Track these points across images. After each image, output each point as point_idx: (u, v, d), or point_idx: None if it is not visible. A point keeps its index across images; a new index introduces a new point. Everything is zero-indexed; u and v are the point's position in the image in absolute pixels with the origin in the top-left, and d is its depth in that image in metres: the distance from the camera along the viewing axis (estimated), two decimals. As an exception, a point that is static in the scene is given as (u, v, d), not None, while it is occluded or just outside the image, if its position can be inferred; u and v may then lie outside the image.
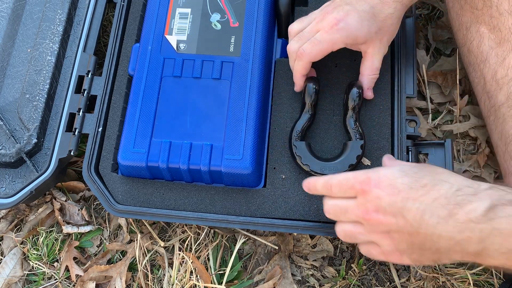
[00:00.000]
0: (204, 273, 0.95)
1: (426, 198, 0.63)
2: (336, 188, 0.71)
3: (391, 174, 0.66)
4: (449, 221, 0.61)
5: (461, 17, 0.94)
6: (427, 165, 0.69)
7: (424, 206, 0.63)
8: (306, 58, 0.84)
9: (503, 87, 0.87)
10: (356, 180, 0.68)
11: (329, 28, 0.81)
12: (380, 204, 0.66)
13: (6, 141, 0.94)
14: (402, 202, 0.64)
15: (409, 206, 0.64)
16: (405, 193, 0.64)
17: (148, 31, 0.97)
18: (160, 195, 0.90)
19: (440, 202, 0.62)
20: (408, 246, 0.66)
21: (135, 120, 0.90)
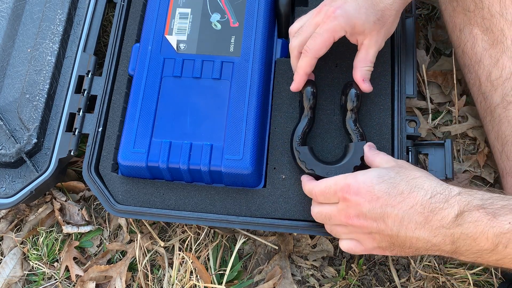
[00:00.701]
0: (204, 273, 0.95)
1: (404, 205, 0.68)
2: (320, 196, 0.77)
3: (370, 180, 0.71)
4: (425, 227, 0.67)
5: (454, 19, 0.94)
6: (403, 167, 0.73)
7: (402, 213, 0.68)
8: (310, 53, 0.83)
9: (497, 88, 0.88)
10: (336, 187, 0.74)
11: (327, 18, 0.80)
12: (361, 210, 0.71)
13: (6, 141, 0.94)
14: (381, 208, 0.69)
15: (389, 212, 0.69)
16: (384, 199, 0.69)
17: (148, 31, 0.97)
18: (160, 195, 0.90)
19: (417, 209, 0.67)
20: (389, 244, 0.72)
21: (135, 120, 0.90)
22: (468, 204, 0.66)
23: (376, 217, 0.70)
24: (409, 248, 0.71)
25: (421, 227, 0.67)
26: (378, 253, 0.76)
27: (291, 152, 0.89)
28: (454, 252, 0.68)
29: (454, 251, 0.68)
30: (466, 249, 0.66)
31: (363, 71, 0.86)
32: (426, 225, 0.67)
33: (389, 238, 0.71)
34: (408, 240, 0.69)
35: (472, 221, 0.65)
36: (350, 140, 0.88)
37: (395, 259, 0.98)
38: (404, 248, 0.71)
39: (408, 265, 0.98)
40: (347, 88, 0.89)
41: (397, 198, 0.68)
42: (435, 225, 0.66)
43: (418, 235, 0.68)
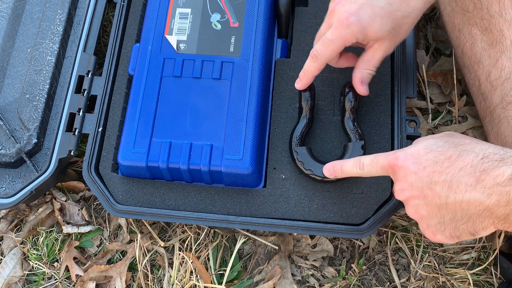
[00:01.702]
0: (204, 273, 0.95)
1: (452, 169, 0.64)
2: (368, 166, 0.75)
3: (417, 151, 0.68)
4: (477, 187, 0.63)
5: (453, 19, 0.94)
6: (453, 136, 0.69)
7: (451, 177, 0.64)
8: (320, 60, 0.82)
9: (497, 89, 0.87)
10: (385, 159, 0.71)
11: (340, 24, 0.78)
12: (407, 180, 0.68)
13: (6, 141, 0.94)
14: (428, 177, 0.66)
15: (436, 179, 0.65)
16: (431, 167, 0.66)
17: (148, 31, 0.97)
18: (160, 195, 0.90)
19: (467, 171, 0.63)
20: (438, 221, 0.68)
21: (135, 120, 0.90)
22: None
23: (423, 187, 0.67)
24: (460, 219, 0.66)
25: (472, 188, 0.63)
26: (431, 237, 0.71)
27: (290, 152, 0.89)
28: (507, 216, 0.62)
29: (508, 215, 0.62)
30: None
31: (364, 73, 0.84)
32: (478, 185, 0.62)
33: (437, 210, 0.67)
34: (458, 206, 0.64)
35: None
36: (348, 140, 0.89)
37: (395, 259, 0.98)
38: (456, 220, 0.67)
39: (408, 265, 0.98)
40: (346, 88, 0.89)
41: (445, 163, 0.65)
42: (488, 183, 0.62)
43: (469, 198, 0.63)
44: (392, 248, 0.99)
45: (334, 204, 0.88)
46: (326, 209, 0.88)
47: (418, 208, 0.69)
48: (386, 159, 0.71)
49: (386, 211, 0.86)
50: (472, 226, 0.66)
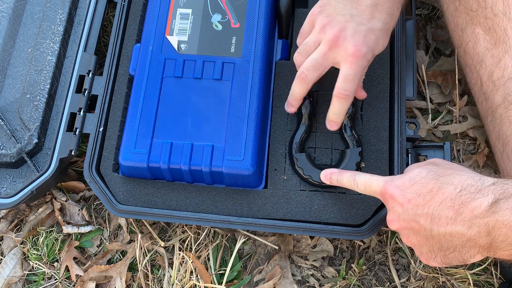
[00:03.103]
0: (204, 273, 0.95)
1: (433, 203, 0.66)
2: (361, 186, 0.77)
3: (403, 183, 0.69)
4: (457, 220, 0.64)
5: (456, 18, 0.94)
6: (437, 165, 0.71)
7: (432, 210, 0.66)
8: (309, 82, 0.84)
9: (499, 88, 0.87)
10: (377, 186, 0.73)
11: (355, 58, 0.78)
12: (396, 212, 0.70)
13: (7, 141, 0.94)
14: (412, 210, 0.67)
15: (419, 212, 0.67)
16: (415, 200, 0.67)
17: (149, 31, 0.97)
18: (161, 196, 0.90)
19: (446, 204, 0.65)
20: (429, 249, 0.70)
21: (136, 120, 0.90)
22: (504, 192, 0.63)
23: (410, 219, 0.68)
24: (447, 249, 0.68)
25: (453, 221, 0.64)
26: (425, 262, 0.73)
27: (290, 158, 0.90)
28: (490, 245, 0.64)
29: (490, 245, 0.64)
30: (502, 240, 0.62)
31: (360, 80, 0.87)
32: (457, 218, 0.64)
33: (425, 240, 0.69)
34: (443, 237, 0.66)
35: (509, 207, 0.61)
36: (346, 146, 0.90)
37: (395, 259, 0.98)
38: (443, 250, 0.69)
39: (408, 265, 0.98)
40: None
41: (427, 196, 0.66)
42: (467, 216, 0.63)
43: (451, 230, 0.65)
44: (392, 248, 0.99)
45: (334, 205, 0.89)
46: (326, 210, 0.88)
47: (409, 237, 0.72)
48: (378, 186, 0.73)
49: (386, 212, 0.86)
50: (460, 255, 0.68)
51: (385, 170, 0.90)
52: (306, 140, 0.92)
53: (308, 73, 0.82)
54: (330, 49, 0.80)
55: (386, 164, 0.91)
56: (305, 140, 0.91)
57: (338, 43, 0.78)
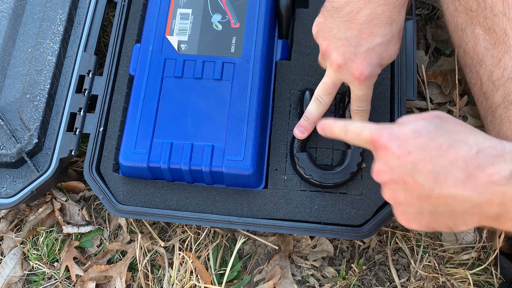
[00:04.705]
0: (204, 273, 0.95)
1: (441, 160, 0.58)
2: (351, 134, 0.69)
3: (404, 134, 0.62)
4: (467, 184, 0.57)
5: (456, 18, 0.94)
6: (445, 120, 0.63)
7: (439, 169, 0.58)
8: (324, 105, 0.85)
9: (499, 88, 0.87)
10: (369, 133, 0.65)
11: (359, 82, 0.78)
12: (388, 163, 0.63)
13: (7, 141, 0.94)
14: (412, 164, 0.60)
15: (420, 168, 0.59)
16: (417, 154, 0.60)
17: (149, 31, 0.97)
18: (161, 196, 0.90)
19: (458, 165, 0.58)
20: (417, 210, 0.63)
21: (136, 120, 0.90)
22: None
23: (404, 173, 0.60)
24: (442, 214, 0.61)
25: (462, 184, 0.57)
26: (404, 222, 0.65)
27: (291, 158, 0.90)
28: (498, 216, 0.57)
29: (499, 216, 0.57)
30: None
31: None
32: (469, 181, 0.56)
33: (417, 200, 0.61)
34: (443, 201, 0.59)
35: None
36: (347, 146, 0.90)
37: (395, 259, 0.98)
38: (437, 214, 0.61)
39: (408, 265, 0.98)
40: (346, 97, 0.90)
41: (433, 152, 0.59)
42: (482, 181, 0.56)
43: (456, 193, 0.57)
44: (392, 248, 0.99)
45: (334, 205, 0.89)
46: (326, 210, 0.88)
47: (395, 193, 0.64)
48: (369, 134, 0.65)
49: (387, 213, 0.86)
50: (453, 221, 0.61)
51: (385, 170, 0.90)
52: (307, 140, 0.92)
53: (322, 97, 0.84)
54: (335, 73, 0.80)
55: (386, 164, 0.91)
56: (306, 140, 0.91)
57: (341, 68, 0.78)
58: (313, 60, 0.97)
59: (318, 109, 0.86)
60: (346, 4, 0.74)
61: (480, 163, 0.56)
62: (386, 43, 0.76)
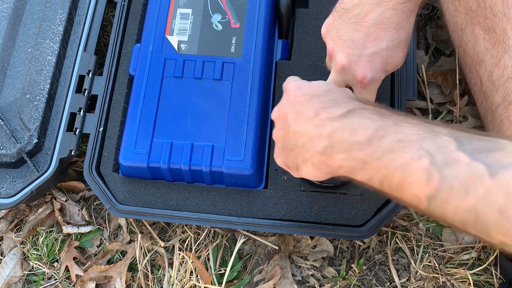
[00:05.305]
0: (204, 273, 0.95)
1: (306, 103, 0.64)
2: None
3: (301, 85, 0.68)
4: (312, 120, 0.62)
5: (455, 18, 0.94)
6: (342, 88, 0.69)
7: (301, 108, 0.64)
8: None
9: (499, 88, 0.87)
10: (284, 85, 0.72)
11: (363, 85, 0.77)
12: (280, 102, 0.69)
13: (7, 141, 0.94)
14: (291, 105, 0.66)
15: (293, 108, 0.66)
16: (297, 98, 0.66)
17: (149, 31, 0.97)
18: (161, 196, 0.90)
19: (313, 106, 0.63)
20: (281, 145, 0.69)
21: (136, 120, 0.90)
22: (362, 106, 0.62)
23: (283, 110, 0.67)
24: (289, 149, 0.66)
25: (308, 120, 0.62)
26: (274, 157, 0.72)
27: None
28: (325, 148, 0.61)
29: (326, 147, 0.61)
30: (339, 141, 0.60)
31: None
32: (313, 118, 0.62)
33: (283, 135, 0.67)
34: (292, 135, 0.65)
35: (359, 115, 0.60)
36: None
37: (395, 259, 0.98)
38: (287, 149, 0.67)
39: (408, 265, 0.98)
40: None
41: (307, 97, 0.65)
42: (321, 118, 0.61)
43: (302, 129, 0.63)
44: (392, 248, 0.99)
45: (335, 205, 0.89)
46: (326, 211, 0.88)
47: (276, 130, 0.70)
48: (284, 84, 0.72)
49: (386, 212, 0.86)
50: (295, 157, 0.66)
51: (385, 170, 0.90)
52: None
53: None
54: (339, 74, 0.79)
55: (387, 164, 0.90)
56: None
57: (345, 69, 0.77)
58: (314, 60, 0.97)
59: None
60: (355, 6, 0.74)
61: (328, 105, 0.62)
62: (392, 48, 0.75)
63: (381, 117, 0.59)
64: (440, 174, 0.52)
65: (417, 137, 0.55)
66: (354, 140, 0.58)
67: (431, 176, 0.52)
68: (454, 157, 0.52)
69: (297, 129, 0.64)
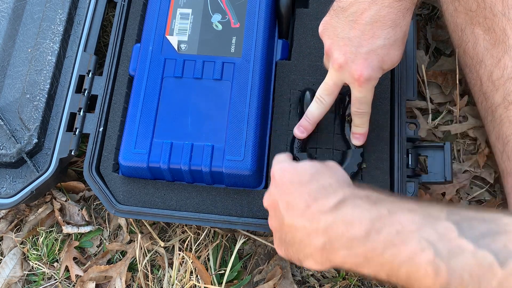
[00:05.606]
0: (204, 273, 0.95)
1: (295, 192, 0.64)
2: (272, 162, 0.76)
3: (287, 168, 0.68)
4: (304, 213, 0.62)
5: (455, 18, 0.94)
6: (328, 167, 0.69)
7: (291, 199, 0.64)
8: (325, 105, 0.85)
9: (499, 88, 0.87)
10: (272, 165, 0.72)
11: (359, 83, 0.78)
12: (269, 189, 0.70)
13: (6, 141, 0.94)
14: (279, 193, 0.66)
15: (283, 198, 0.65)
16: (285, 186, 0.66)
17: (149, 31, 0.97)
18: (161, 196, 0.90)
19: (303, 197, 0.63)
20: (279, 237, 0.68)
21: (136, 120, 0.90)
22: (353, 194, 0.61)
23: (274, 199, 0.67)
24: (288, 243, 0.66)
25: (301, 214, 0.62)
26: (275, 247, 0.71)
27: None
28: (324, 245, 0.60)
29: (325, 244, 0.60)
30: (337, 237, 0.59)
31: None
32: (306, 212, 0.61)
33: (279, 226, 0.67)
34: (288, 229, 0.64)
35: (351, 206, 0.59)
36: (348, 146, 0.90)
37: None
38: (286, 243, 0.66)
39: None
40: (346, 97, 0.90)
41: (294, 186, 0.65)
42: (313, 211, 0.61)
43: (296, 223, 0.63)
44: (392, 249, 0.99)
45: (335, 205, 0.89)
46: (327, 210, 0.88)
47: (271, 220, 0.70)
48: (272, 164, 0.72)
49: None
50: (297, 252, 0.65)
51: (385, 171, 0.90)
52: (307, 140, 0.92)
53: (324, 97, 0.84)
54: (336, 73, 0.79)
55: (387, 165, 0.91)
56: (306, 140, 0.91)
57: (342, 68, 0.77)
58: (313, 60, 0.97)
59: (319, 109, 0.86)
60: (351, 4, 0.74)
61: (317, 196, 0.62)
62: (388, 46, 0.75)
63: (374, 205, 0.59)
64: (447, 266, 0.51)
65: (415, 226, 0.54)
66: (352, 235, 0.57)
67: (439, 268, 0.51)
68: (458, 246, 0.51)
69: (291, 223, 0.63)
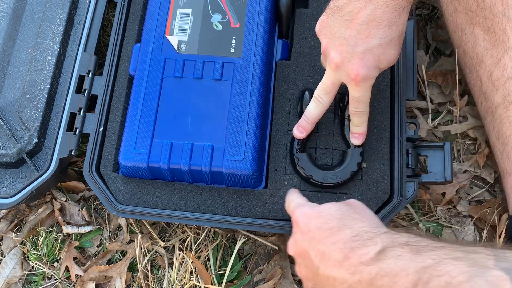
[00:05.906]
0: (204, 273, 0.95)
1: (328, 241, 0.64)
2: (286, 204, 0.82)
3: (310, 213, 0.69)
4: (343, 264, 0.62)
5: (455, 18, 0.94)
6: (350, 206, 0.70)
7: (324, 248, 0.64)
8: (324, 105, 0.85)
9: (499, 88, 0.87)
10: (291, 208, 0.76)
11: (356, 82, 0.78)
12: (295, 237, 0.71)
13: (7, 141, 0.94)
14: (308, 241, 0.67)
15: (313, 246, 0.66)
16: (313, 233, 0.66)
17: (149, 31, 0.97)
18: (161, 196, 0.90)
19: (338, 246, 0.63)
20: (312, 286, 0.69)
21: (136, 120, 0.90)
22: (392, 241, 0.61)
23: (303, 248, 0.67)
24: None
25: (339, 265, 0.62)
26: None
27: (291, 158, 0.90)
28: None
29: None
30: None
31: None
32: (344, 262, 0.62)
33: (312, 276, 0.67)
34: (326, 280, 0.64)
35: (394, 256, 0.59)
36: (347, 146, 0.90)
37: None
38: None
39: None
40: (345, 97, 0.90)
41: (325, 233, 0.65)
42: (354, 262, 0.61)
43: (335, 274, 0.62)
44: (392, 249, 0.99)
45: (335, 205, 0.89)
46: (327, 210, 0.88)
47: (300, 268, 0.70)
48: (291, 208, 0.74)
49: (387, 212, 0.86)
50: None
51: (385, 170, 0.90)
52: (307, 140, 0.92)
53: (322, 96, 0.84)
54: (333, 73, 0.80)
55: (387, 164, 0.91)
56: (306, 140, 0.91)
57: (339, 67, 0.77)
58: (313, 60, 0.97)
59: (317, 109, 0.86)
60: (347, 3, 0.74)
61: (355, 246, 0.62)
62: (384, 45, 0.75)
63: (417, 254, 0.58)
64: None
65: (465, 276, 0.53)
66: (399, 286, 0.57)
67: None
68: None
69: (329, 274, 0.63)
